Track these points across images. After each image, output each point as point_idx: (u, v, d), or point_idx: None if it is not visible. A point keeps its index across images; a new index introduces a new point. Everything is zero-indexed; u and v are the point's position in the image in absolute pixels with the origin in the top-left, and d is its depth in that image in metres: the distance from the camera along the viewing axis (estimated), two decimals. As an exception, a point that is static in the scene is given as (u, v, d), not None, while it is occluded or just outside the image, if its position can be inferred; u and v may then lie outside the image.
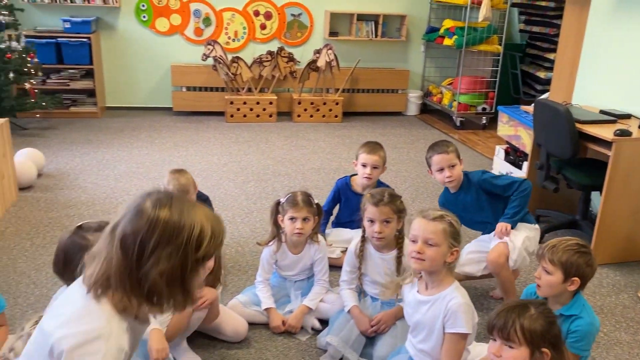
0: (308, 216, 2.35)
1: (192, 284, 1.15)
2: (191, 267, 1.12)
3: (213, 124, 5.77)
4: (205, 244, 1.13)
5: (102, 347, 1.07)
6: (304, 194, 2.37)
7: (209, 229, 1.14)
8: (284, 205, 2.37)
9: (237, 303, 2.43)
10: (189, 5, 5.96)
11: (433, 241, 1.80)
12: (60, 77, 5.63)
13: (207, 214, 1.17)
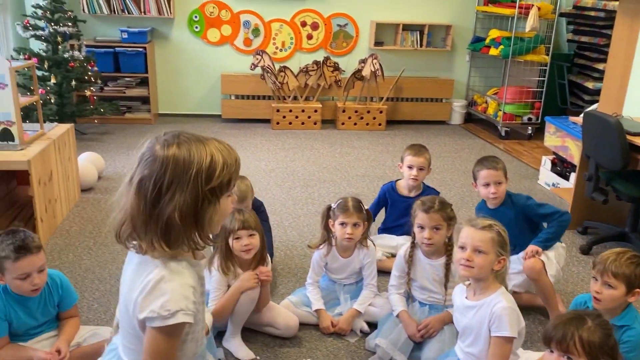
0: (358, 222, 2.43)
1: (207, 217, 1.15)
2: (204, 199, 1.13)
3: (260, 130, 5.93)
4: (217, 174, 1.14)
5: (166, 287, 1.13)
6: (355, 200, 2.46)
7: (219, 159, 1.14)
8: (335, 210, 2.46)
9: (288, 303, 2.54)
10: (239, 17, 6.15)
11: (481, 249, 1.87)
12: (117, 84, 5.91)
13: (217, 146, 1.18)
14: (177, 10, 6.01)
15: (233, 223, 2.25)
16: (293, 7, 6.21)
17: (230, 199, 1.21)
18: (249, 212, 2.33)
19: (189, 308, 1.14)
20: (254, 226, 2.27)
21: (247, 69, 6.05)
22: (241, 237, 2.25)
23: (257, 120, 6.20)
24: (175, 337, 1.16)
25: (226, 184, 1.17)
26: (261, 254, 2.35)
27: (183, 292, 1.14)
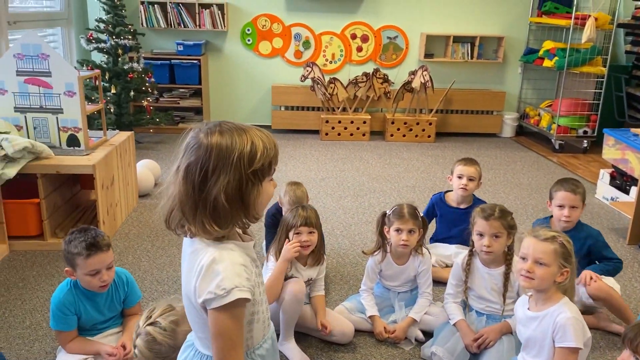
0: (414, 228, 2.42)
1: (251, 198, 1.20)
2: (247, 181, 1.18)
3: (309, 141, 5.99)
4: (257, 157, 1.19)
5: (219, 268, 1.17)
6: (410, 207, 2.45)
7: (259, 144, 1.20)
8: (390, 216, 2.46)
9: (343, 309, 2.54)
10: (291, 30, 6.26)
11: (543, 261, 1.83)
12: (172, 95, 6.10)
13: (257, 132, 1.23)
14: (230, 23, 6.18)
15: (296, 218, 2.31)
16: (343, 20, 6.28)
17: (272, 183, 1.26)
18: (312, 209, 2.38)
19: (243, 285, 1.17)
20: (315, 224, 2.33)
21: (297, 81, 6.13)
22: (301, 233, 2.31)
23: (306, 131, 6.27)
24: (237, 316, 1.19)
25: (267, 167, 1.22)
26: (319, 252, 2.40)
27: (235, 270, 1.18)
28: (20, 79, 3.24)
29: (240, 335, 1.21)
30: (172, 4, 5.93)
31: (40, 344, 2.34)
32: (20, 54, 3.21)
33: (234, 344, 1.20)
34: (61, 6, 5.61)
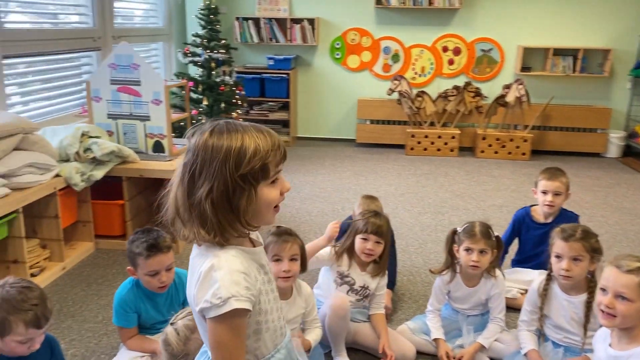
0: (486, 249, 2.25)
1: (241, 204, 1.10)
2: (235, 187, 1.09)
3: (393, 156, 5.87)
4: (246, 160, 1.09)
5: (216, 276, 1.10)
6: (483, 225, 2.28)
7: (250, 146, 1.09)
8: (460, 234, 2.30)
9: (406, 329, 2.41)
10: (380, 43, 6.21)
11: (626, 295, 1.61)
12: (261, 108, 6.25)
13: (254, 133, 1.12)
14: (320, 38, 6.24)
15: (367, 225, 2.25)
16: (435, 33, 6.13)
17: (279, 187, 1.15)
18: (385, 219, 2.30)
19: (241, 294, 1.09)
20: (384, 235, 2.25)
21: (384, 94, 6.05)
22: (368, 240, 2.24)
23: (391, 145, 6.16)
24: (236, 328, 1.11)
25: (260, 170, 1.11)
26: (382, 263, 2.31)
27: (232, 278, 1.10)
28: (114, 87, 3.46)
29: (239, 347, 1.13)
30: (265, 19, 6.10)
31: (107, 339, 2.43)
32: (114, 64, 3.42)
33: (232, 356, 1.13)
34: (164, 22, 5.97)
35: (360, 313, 2.38)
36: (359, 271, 2.32)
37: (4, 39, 3.51)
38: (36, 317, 1.66)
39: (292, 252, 1.98)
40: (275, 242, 1.97)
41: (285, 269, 1.97)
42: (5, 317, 1.64)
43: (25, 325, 1.65)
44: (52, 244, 3.05)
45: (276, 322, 1.24)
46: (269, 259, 1.97)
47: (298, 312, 2.06)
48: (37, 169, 2.86)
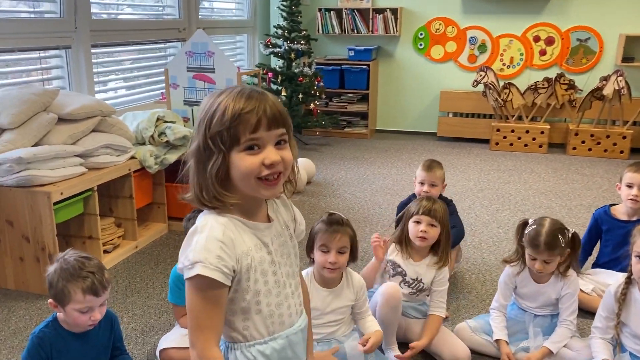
0: (550, 259, 2.05)
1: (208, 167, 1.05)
2: (206, 148, 1.06)
3: (475, 150, 5.61)
4: (213, 122, 1.04)
5: (194, 239, 1.08)
6: (550, 232, 2.03)
7: (221, 107, 1.04)
8: (525, 238, 2.10)
9: (466, 327, 2.26)
10: (466, 33, 5.96)
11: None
12: (340, 100, 6.21)
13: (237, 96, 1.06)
14: (403, 28, 6.09)
15: (417, 207, 2.14)
16: (526, 22, 5.77)
17: (258, 159, 1.06)
18: (440, 204, 2.17)
19: (209, 262, 1.04)
20: (439, 218, 2.12)
21: (468, 86, 5.80)
22: (421, 222, 2.12)
23: (474, 139, 5.90)
24: (204, 296, 1.06)
25: (227, 135, 1.04)
26: (442, 252, 2.17)
27: (207, 245, 1.05)
28: (190, 74, 3.56)
29: (211, 318, 1.07)
30: (347, 10, 6.05)
31: (167, 316, 2.50)
32: (191, 51, 3.52)
33: (200, 326, 1.07)
34: (248, 15, 6.10)
35: (414, 309, 2.26)
36: (413, 262, 2.20)
37: (93, 28, 3.72)
38: (93, 284, 1.71)
39: (341, 244, 1.90)
40: (325, 231, 1.89)
41: (332, 261, 1.90)
42: (64, 285, 1.70)
43: (83, 292, 1.70)
44: (126, 223, 3.19)
45: (273, 308, 1.16)
46: (316, 247, 1.91)
47: (343, 303, 1.98)
48: (113, 150, 3.00)
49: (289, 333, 1.19)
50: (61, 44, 3.52)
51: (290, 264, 1.21)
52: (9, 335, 2.32)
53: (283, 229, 1.21)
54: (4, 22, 3.13)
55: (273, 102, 1.08)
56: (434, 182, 2.72)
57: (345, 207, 3.95)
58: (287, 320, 1.18)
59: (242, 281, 1.11)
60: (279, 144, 1.09)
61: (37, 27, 3.35)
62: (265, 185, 1.08)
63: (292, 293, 1.20)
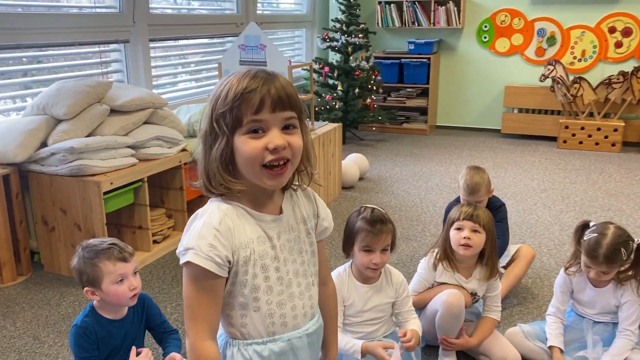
0: (608, 272, 1.88)
1: (215, 152, 1.01)
2: (212, 130, 1.01)
3: (541, 148, 5.32)
4: (218, 103, 1.00)
5: (193, 224, 1.04)
6: (611, 245, 1.85)
7: (225, 89, 0.99)
8: (582, 246, 1.93)
9: (518, 331, 2.11)
10: (534, 24, 5.66)
11: None
12: (399, 95, 6.07)
13: (242, 77, 1.00)
14: (467, 20, 5.87)
15: (458, 213, 2.00)
16: (600, 12, 5.41)
17: (261, 143, 0.99)
18: (484, 211, 2.02)
19: (201, 249, 1.00)
20: (483, 224, 1.96)
21: (535, 81, 5.51)
22: (463, 229, 1.97)
23: (540, 137, 5.60)
24: (196, 284, 1.02)
25: (230, 116, 0.99)
26: (490, 264, 2.01)
27: (201, 232, 1.01)
28: (242, 67, 3.55)
29: (204, 308, 1.02)
30: (408, 2, 5.89)
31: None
32: (244, 44, 3.51)
33: (194, 315, 1.03)
34: (307, 9, 6.07)
35: (469, 312, 2.13)
36: (464, 279, 2.05)
37: (151, 23, 3.80)
38: (119, 252, 1.72)
39: (385, 243, 1.81)
40: (368, 232, 1.78)
41: (377, 262, 1.81)
42: (92, 264, 1.70)
43: (112, 261, 1.70)
44: (176, 214, 3.23)
45: (274, 307, 1.08)
46: (358, 247, 1.82)
47: (383, 300, 1.89)
48: (164, 142, 3.03)
49: (292, 336, 1.11)
50: (120, 38, 3.61)
51: (302, 262, 1.14)
52: (59, 319, 2.38)
53: (298, 223, 1.14)
54: (66, 16, 3.24)
55: (281, 84, 1.01)
56: (479, 201, 2.49)
57: (397, 204, 3.83)
58: (290, 322, 1.11)
59: (239, 274, 1.05)
60: (287, 129, 1.02)
61: (97, 21, 3.46)
62: (269, 174, 1.01)
63: (301, 294, 1.12)
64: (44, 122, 2.74)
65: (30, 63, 3.24)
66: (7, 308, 2.48)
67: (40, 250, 2.84)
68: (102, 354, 1.76)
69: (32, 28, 3.00)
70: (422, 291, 2.09)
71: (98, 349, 1.75)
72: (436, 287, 2.07)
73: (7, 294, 2.61)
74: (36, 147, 2.68)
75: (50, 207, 2.72)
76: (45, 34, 3.10)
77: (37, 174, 2.70)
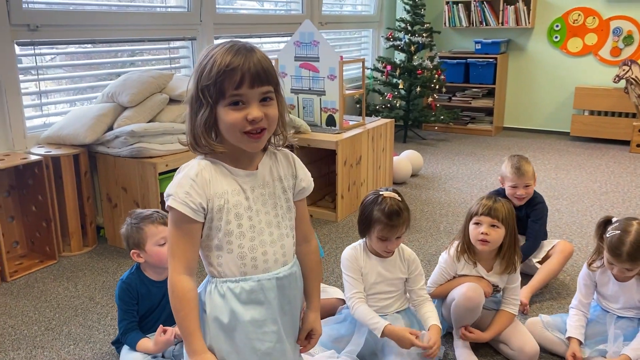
0: (632, 268, 1.85)
1: (200, 118, 1.13)
2: (197, 99, 1.14)
3: (611, 152, 5.09)
4: (203, 75, 1.12)
5: (177, 175, 1.20)
6: (635, 241, 1.83)
7: (210, 62, 1.11)
8: (605, 242, 1.90)
9: (539, 321, 2.10)
10: (609, 23, 5.42)
11: None
12: (464, 95, 6.01)
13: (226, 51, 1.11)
14: (537, 19, 5.72)
15: (477, 206, 2.02)
16: (683, 9, 5.10)
17: (241, 115, 1.12)
18: (505, 204, 2.02)
19: (178, 196, 1.15)
20: (502, 219, 1.97)
21: (608, 82, 5.28)
22: (481, 224, 1.99)
23: (611, 140, 5.35)
24: (177, 226, 1.17)
25: (214, 88, 1.11)
26: (509, 257, 2.02)
27: (180, 181, 1.17)
28: (297, 63, 3.72)
29: (179, 248, 1.17)
30: (476, 2, 5.83)
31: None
32: (298, 41, 3.68)
33: (173, 253, 1.18)
34: (374, 10, 6.17)
35: (490, 301, 2.13)
36: (485, 272, 2.07)
37: (217, 21, 4.06)
38: (160, 217, 1.93)
39: (401, 232, 1.89)
40: (385, 225, 1.85)
41: (391, 248, 1.90)
42: (137, 228, 1.91)
43: (154, 225, 1.91)
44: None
45: (245, 250, 1.20)
46: (376, 235, 1.90)
47: (396, 275, 1.96)
48: (218, 130, 3.25)
49: (262, 278, 1.22)
50: (187, 36, 3.90)
51: (276, 215, 1.25)
52: (113, 285, 2.64)
53: (274, 181, 1.26)
54: (138, 15, 3.55)
55: (258, 59, 1.13)
56: (527, 183, 2.57)
57: (446, 200, 3.84)
58: (260, 265, 1.22)
59: (214, 220, 1.18)
60: (264, 101, 1.15)
61: (167, 19, 3.76)
62: (248, 139, 1.15)
63: (273, 242, 1.24)
64: (112, 109, 3.04)
65: (105, 57, 3.58)
66: (71, 273, 2.78)
67: (104, 225, 3.15)
68: (140, 310, 1.96)
69: (107, 25, 3.33)
70: (443, 283, 2.13)
71: (137, 304, 1.96)
72: (458, 279, 2.10)
73: (74, 261, 2.92)
74: (103, 130, 2.97)
75: (114, 186, 3.01)
76: (119, 31, 3.42)
77: (103, 155, 3.00)
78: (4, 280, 2.68)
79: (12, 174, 2.88)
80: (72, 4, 3.26)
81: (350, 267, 1.94)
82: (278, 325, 1.24)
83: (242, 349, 1.21)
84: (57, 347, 2.15)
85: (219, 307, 1.20)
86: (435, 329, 1.87)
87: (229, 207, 1.19)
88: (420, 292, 1.97)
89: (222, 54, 1.12)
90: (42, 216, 2.86)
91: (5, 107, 2.88)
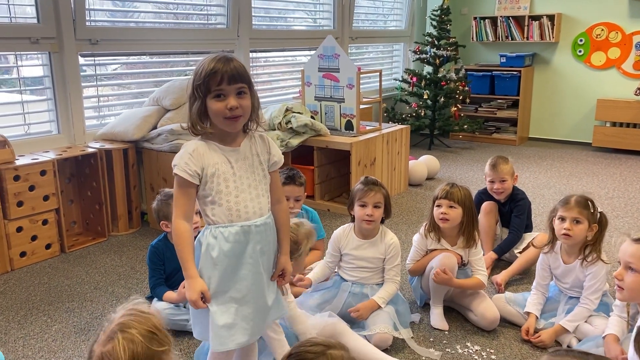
0: (579, 218, 2.16)
1: (195, 108, 1.53)
2: (193, 93, 1.55)
3: (630, 162, 5.25)
4: (196, 77, 1.54)
5: (180, 150, 1.59)
6: (582, 197, 2.18)
7: (200, 67, 1.53)
8: (557, 205, 2.24)
9: (502, 297, 2.44)
10: (632, 38, 5.59)
11: (633, 266, 1.51)
12: (490, 106, 6.28)
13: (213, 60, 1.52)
14: (562, 34, 5.95)
15: (438, 191, 2.41)
16: None
17: (223, 104, 1.53)
18: (463, 189, 2.39)
19: (180, 165, 1.56)
20: (458, 200, 2.34)
21: (630, 95, 5.44)
22: (441, 206, 2.36)
23: (632, 151, 5.49)
24: (180, 188, 1.58)
25: (204, 85, 1.52)
26: (469, 233, 2.38)
27: (182, 155, 1.58)
28: (320, 74, 4.16)
29: (180, 201, 1.58)
30: (503, 17, 6.12)
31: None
32: (322, 54, 4.11)
33: (176, 205, 1.59)
34: (406, 25, 6.55)
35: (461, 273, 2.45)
36: (449, 246, 2.42)
37: (252, 37, 4.56)
38: None
39: (376, 199, 2.28)
40: (362, 189, 2.28)
41: (369, 213, 2.28)
42: (167, 202, 2.34)
43: None
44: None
45: (232, 204, 1.60)
46: (356, 204, 2.30)
47: (374, 254, 2.33)
48: (246, 131, 3.72)
49: (244, 224, 1.63)
50: (225, 49, 4.40)
51: (254, 180, 1.66)
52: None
53: (253, 156, 1.67)
54: (181, 31, 4.08)
55: (234, 65, 1.56)
56: (503, 178, 2.89)
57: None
58: (243, 215, 1.63)
59: (208, 183, 1.60)
60: (240, 94, 1.57)
61: (207, 35, 4.28)
62: (229, 122, 1.58)
63: (252, 199, 1.64)
64: (156, 111, 3.56)
65: (154, 67, 4.13)
66: (118, 248, 3.29)
67: (147, 211, 3.65)
68: (167, 270, 2.43)
69: (158, 39, 3.87)
70: (419, 259, 2.50)
71: (164, 265, 2.42)
72: (430, 254, 2.47)
73: (120, 239, 3.44)
74: (149, 129, 3.49)
75: (156, 176, 3.51)
76: (167, 44, 3.96)
77: (148, 150, 3.51)
78: (63, 252, 3.22)
79: (72, 163, 3.43)
80: (132, 21, 3.83)
81: (331, 244, 2.40)
82: (255, 260, 1.65)
83: (223, 274, 1.63)
84: (102, 301, 2.64)
85: (211, 245, 1.62)
86: (370, 302, 2.25)
87: (219, 173, 1.61)
88: (390, 273, 2.34)
89: (209, 62, 1.56)
90: (95, 200, 3.40)
91: (69, 108, 3.44)
